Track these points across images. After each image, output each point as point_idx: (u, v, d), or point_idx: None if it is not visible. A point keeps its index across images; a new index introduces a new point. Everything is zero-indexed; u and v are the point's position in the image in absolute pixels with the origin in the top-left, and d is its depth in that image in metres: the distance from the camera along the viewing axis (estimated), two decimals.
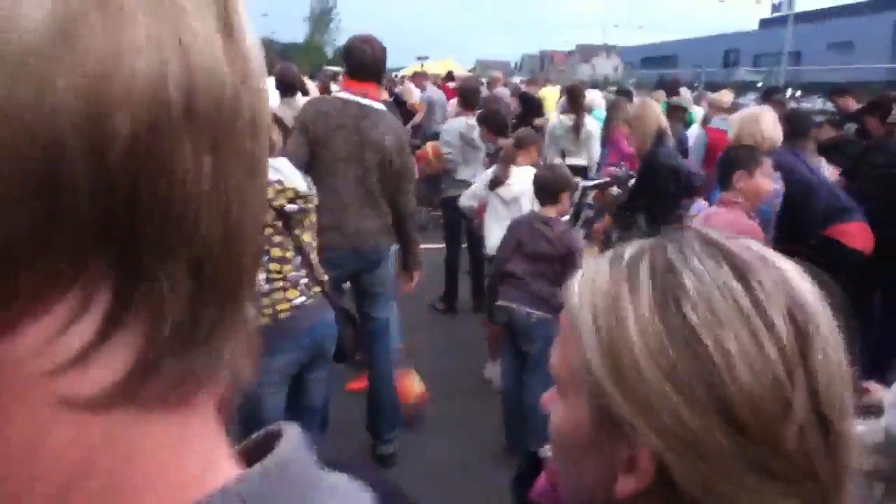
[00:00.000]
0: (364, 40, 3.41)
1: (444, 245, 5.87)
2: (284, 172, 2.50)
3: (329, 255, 2.98)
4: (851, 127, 6.18)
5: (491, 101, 7.64)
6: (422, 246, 3.88)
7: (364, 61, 3.38)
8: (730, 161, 3.18)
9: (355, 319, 3.04)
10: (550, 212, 3.57)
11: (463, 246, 5.79)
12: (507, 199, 4.35)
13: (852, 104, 7.01)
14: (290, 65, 6.35)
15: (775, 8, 65.26)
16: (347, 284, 3.60)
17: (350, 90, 3.39)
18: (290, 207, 2.43)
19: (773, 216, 3.81)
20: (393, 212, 3.51)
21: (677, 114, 7.17)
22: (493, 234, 4.40)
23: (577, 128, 6.90)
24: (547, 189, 3.61)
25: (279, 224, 2.42)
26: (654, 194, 4.67)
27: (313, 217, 2.61)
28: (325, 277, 2.66)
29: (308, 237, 2.55)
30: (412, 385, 3.91)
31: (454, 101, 7.48)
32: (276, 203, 2.39)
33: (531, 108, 8.98)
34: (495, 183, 4.40)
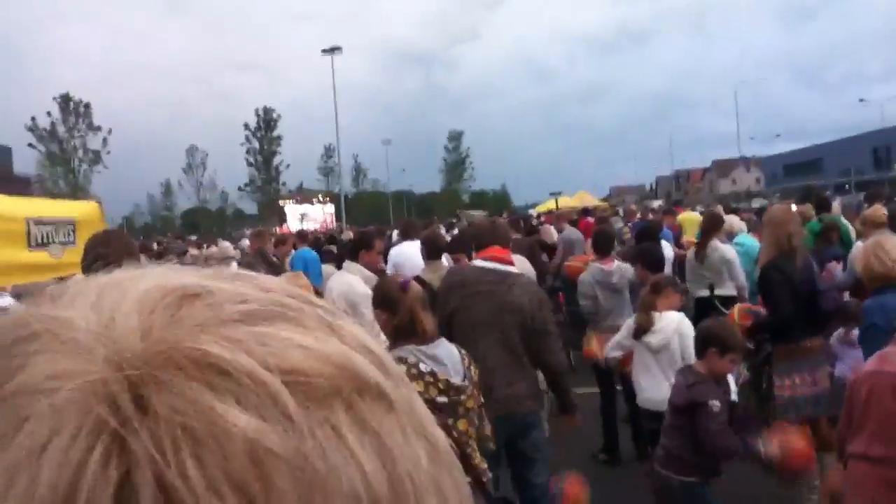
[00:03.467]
0: (487, 220, 3.79)
1: (597, 389, 5.72)
2: (441, 360, 2.54)
3: None
4: None
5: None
6: (575, 390, 3.87)
7: (489, 234, 3.80)
8: None
9: None
10: (700, 366, 3.38)
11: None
12: (656, 348, 4.23)
13: None
14: (436, 231, 6.46)
15: None
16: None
17: (483, 257, 3.69)
18: (440, 400, 2.44)
19: None
20: (543, 370, 3.59)
21: (830, 234, 6.83)
22: (645, 386, 4.31)
23: (704, 257, 6.69)
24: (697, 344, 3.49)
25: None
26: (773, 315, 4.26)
27: (470, 403, 2.59)
28: (489, 474, 2.65)
29: (463, 425, 2.53)
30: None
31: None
32: (426, 396, 2.40)
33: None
34: (639, 332, 4.33)
